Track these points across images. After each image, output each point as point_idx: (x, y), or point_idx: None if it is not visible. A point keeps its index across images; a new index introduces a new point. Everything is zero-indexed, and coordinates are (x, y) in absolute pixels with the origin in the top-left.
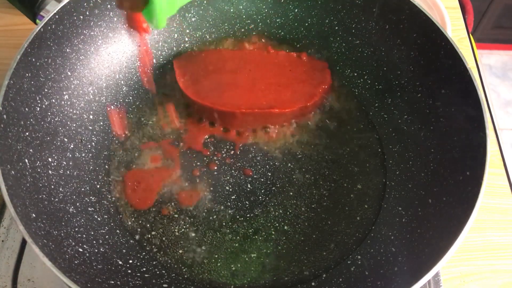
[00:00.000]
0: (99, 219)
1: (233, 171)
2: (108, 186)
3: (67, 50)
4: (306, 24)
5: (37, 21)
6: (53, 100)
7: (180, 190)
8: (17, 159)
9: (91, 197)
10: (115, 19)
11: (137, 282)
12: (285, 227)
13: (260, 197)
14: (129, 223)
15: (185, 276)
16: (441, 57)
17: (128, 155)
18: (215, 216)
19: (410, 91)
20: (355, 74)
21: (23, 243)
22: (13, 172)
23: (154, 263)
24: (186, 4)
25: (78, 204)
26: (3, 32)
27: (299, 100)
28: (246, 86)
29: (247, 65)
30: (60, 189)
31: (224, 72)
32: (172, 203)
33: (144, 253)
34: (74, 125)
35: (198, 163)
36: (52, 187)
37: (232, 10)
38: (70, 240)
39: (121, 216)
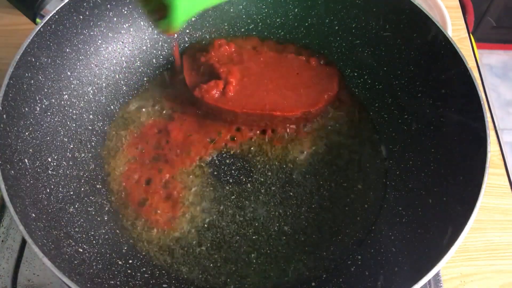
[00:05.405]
0: (99, 219)
1: (233, 171)
2: (108, 186)
3: (67, 50)
4: (306, 24)
5: (37, 21)
6: (53, 100)
7: (179, 190)
8: (17, 159)
9: (91, 197)
10: (115, 19)
11: (137, 282)
12: (285, 227)
13: (260, 197)
14: (129, 222)
15: (185, 276)
16: (441, 57)
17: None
18: (214, 216)
19: (410, 91)
20: (355, 74)
21: (23, 243)
22: (13, 172)
23: (154, 263)
24: None
25: (78, 204)
26: (3, 32)
27: (303, 105)
28: (251, 86)
29: (255, 64)
30: (60, 189)
31: (232, 70)
32: (171, 202)
33: (144, 253)
34: (74, 125)
35: (198, 162)
36: (52, 187)
37: (232, 10)
38: (70, 240)
39: (121, 216)
